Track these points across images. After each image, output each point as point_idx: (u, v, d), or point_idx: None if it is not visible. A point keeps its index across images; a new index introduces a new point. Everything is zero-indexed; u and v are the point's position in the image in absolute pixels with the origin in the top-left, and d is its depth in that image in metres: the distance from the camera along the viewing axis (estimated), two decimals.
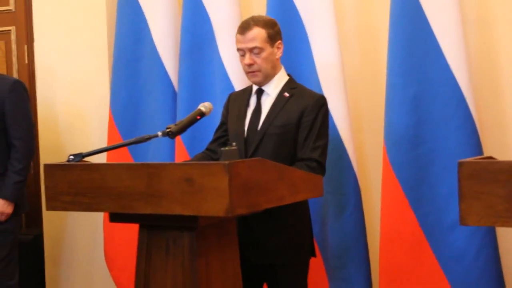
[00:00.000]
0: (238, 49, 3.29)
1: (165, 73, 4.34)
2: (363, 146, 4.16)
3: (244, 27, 3.26)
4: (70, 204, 2.78)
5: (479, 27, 3.87)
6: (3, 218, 4.15)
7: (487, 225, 2.10)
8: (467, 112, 3.58)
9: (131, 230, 3.95)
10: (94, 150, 2.92)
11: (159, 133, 2.94)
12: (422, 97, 3.63)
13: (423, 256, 3.65)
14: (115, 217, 2.84)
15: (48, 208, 2.83)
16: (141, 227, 2.82)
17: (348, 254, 3.84)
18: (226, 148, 2.83)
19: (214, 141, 3.50)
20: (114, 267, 4.52)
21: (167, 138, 3.02)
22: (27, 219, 5.19)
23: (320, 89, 3.77)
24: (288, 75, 3.38)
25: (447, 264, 3.62)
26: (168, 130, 2.94)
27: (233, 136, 3.33)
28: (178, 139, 4.03)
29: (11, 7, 5.22)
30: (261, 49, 3.23)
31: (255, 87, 3.36)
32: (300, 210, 3.27)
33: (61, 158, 4.32)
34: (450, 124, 3.59)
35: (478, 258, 3.57)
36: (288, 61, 3.65)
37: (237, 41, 3.29)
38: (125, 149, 4.28)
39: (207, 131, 3.81)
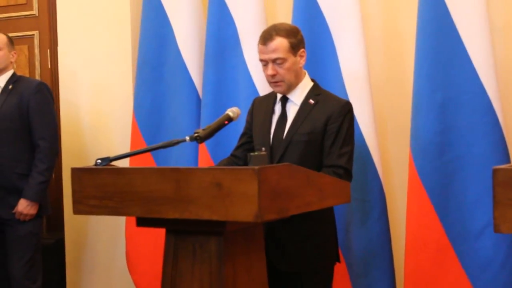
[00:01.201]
0: (261, 60, 3.25)
1: (189, 78, 4.33)
2: (389, 152, 4.13)
3: (266, 38, 3.22)
4: (96, 208, 2.77)
5: (506, 33, 3.84)
6: (27, 218, 4.17)
7: None
8: (494, 119, 3.55)
9: (154, 235, 3.96)
10: (122, 154, 2.91)
11: (187, 138, 2.91)
12: (449, 103, 3.61)
13: (448, 263, 3.62)
14: (142, 222, 2.82)
15: (74, 212, 2.83)
16: (167, 232, 2.80)
17: (373, 261, 3.82)
18: (256, 153, 2.80)
19: (238, 147, 3.48)
20: (135, 272, 4.50)
21: (190, 143, 3.01)
22: (49, 223, 5.20)
23: (346, 94, 3.75)
24: (313, 80, 3.35)
25: (473, 272, 3.59)
26: (196, 135, 2.92)
27: (259, 144, 3.30)
28: (202, 144, 4.02)
29: (35, 12, 5.25)
30: (283, 60, 3.20)
31: (279, 94, 3.34)
32: (325, 217, 3.25)
33: (83, 162, 4.33)
34: (477, 131, 3.56)
35: (505, 267, 3.54)
36: (314, 67, 3.64)
37: (260, 52, 3.25)
38: (148, 153, 4.27)
39: (231, 136, 3.80)
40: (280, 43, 3.19)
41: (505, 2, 3.85)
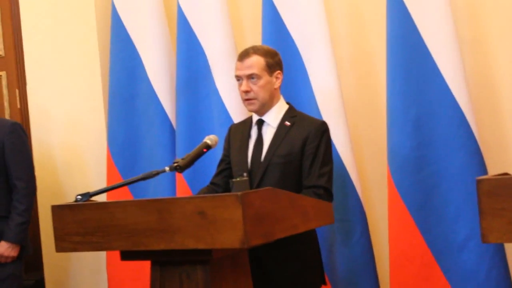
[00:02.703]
0: (236, 76, 3.29)
1: (162, 109, 4.31)
2: (366, 170, 4.13)
3: (243, 55, 3.28)
4: (79, 244, 2.73)
5: (474, 47, 3.86)
6: (8, 260, 4.10)
7: (510, 242, 2.07)
8: (468, 131, 3.57)
9: (136, 269, 3.92)
10: (102, 189, 2.89)
11: (167, 168, 2.91)
12: (424, 118, 3.63)
13: (433, 278, 3.62)
14: (126, 255, 2.79)
15: (57, 250, 2.79)
16: (153, 264, 2.77)
17: (358, 280, 3.81)
18: (238, 179, 2.80)
19: (217, 174, 3.47)
20: None
21: (167, 174, 2.99)
22: (27, 264, 5.10)
23: (320, 115, 3.76)
24: (288, 103, 3.37)
25: (458, 285, 3.59)
26: (175, 164, 2.91)
27: (237, 169, 3.30)
28: (179, 174, 3.99)
29: (1, 52, 5.19)
30: (258, 77, 3.23)
31: (255, 118, 3.35)
32: (308, 238, 3.24)
33: (60, 200, 4.28)
34: (453, 144, 3.58)
35: (489, 278, 3.55)
36: (286, 90, 3.64)
37: (236, 68, 3.30)
38: (125, 186, 4.23)
39: (207, 164, 3.79)
40: (256, 60, 3.24)
41: (471, 16, 3.88)
